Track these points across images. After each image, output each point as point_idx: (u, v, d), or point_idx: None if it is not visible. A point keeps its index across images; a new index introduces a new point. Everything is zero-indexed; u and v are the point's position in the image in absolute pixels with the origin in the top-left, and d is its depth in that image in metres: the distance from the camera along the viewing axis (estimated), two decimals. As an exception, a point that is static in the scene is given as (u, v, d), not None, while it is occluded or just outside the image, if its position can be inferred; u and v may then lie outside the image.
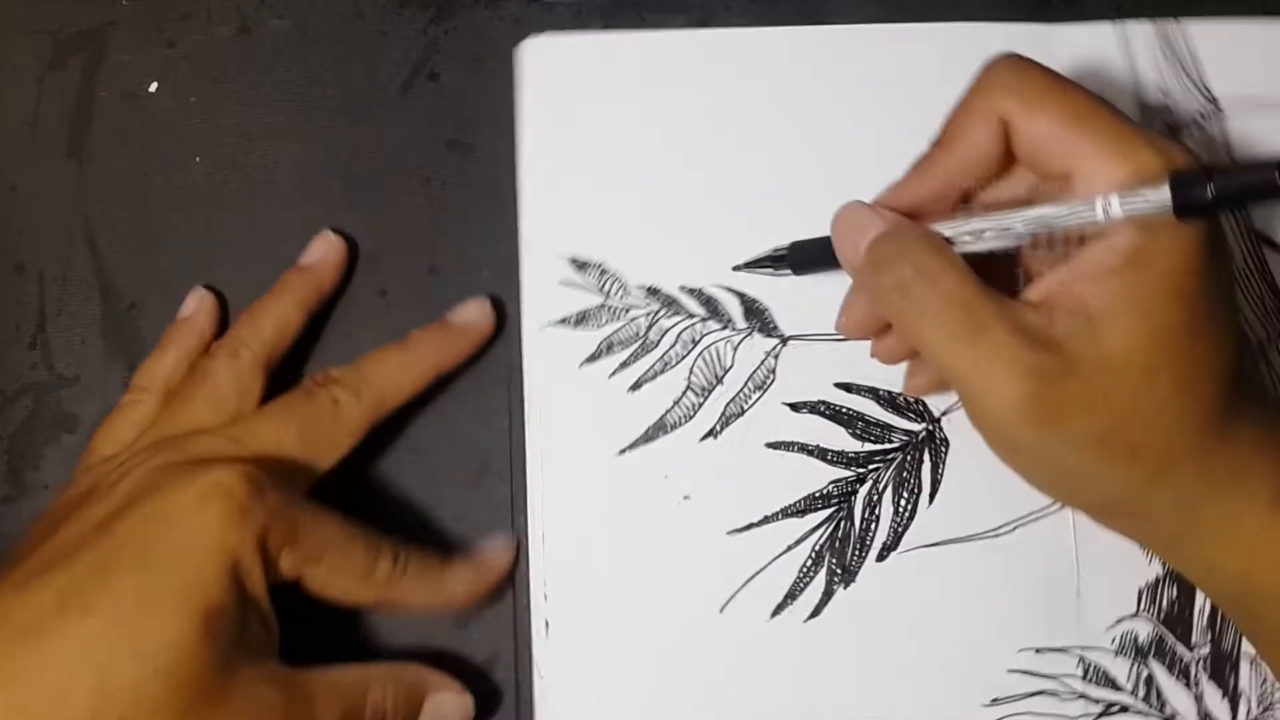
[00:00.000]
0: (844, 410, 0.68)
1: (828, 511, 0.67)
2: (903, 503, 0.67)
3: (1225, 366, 0.53)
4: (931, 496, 0.67)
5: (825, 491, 0.67)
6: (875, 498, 0.67)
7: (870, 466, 0.68)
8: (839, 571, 0.67)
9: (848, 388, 0.68)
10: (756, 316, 0.69)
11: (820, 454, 0.68)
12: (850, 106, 0.70)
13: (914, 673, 0.66)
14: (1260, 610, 0.57)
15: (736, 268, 0.68)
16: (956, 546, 0.67)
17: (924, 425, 0.68)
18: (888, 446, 0.68)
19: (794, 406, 0.68)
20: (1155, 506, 0.55)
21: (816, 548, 0.67)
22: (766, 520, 0.67)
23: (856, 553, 0.67)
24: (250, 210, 0.72)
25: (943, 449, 0.68)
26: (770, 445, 0.68)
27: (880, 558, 0.67)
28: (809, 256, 0.65)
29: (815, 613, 0.67)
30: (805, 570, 0.67)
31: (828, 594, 0.67)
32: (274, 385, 0.66)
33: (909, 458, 0.68)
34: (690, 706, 0.66)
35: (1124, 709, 0.66)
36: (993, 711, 0.66)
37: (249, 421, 0.64)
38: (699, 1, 0.72)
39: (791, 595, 0.67)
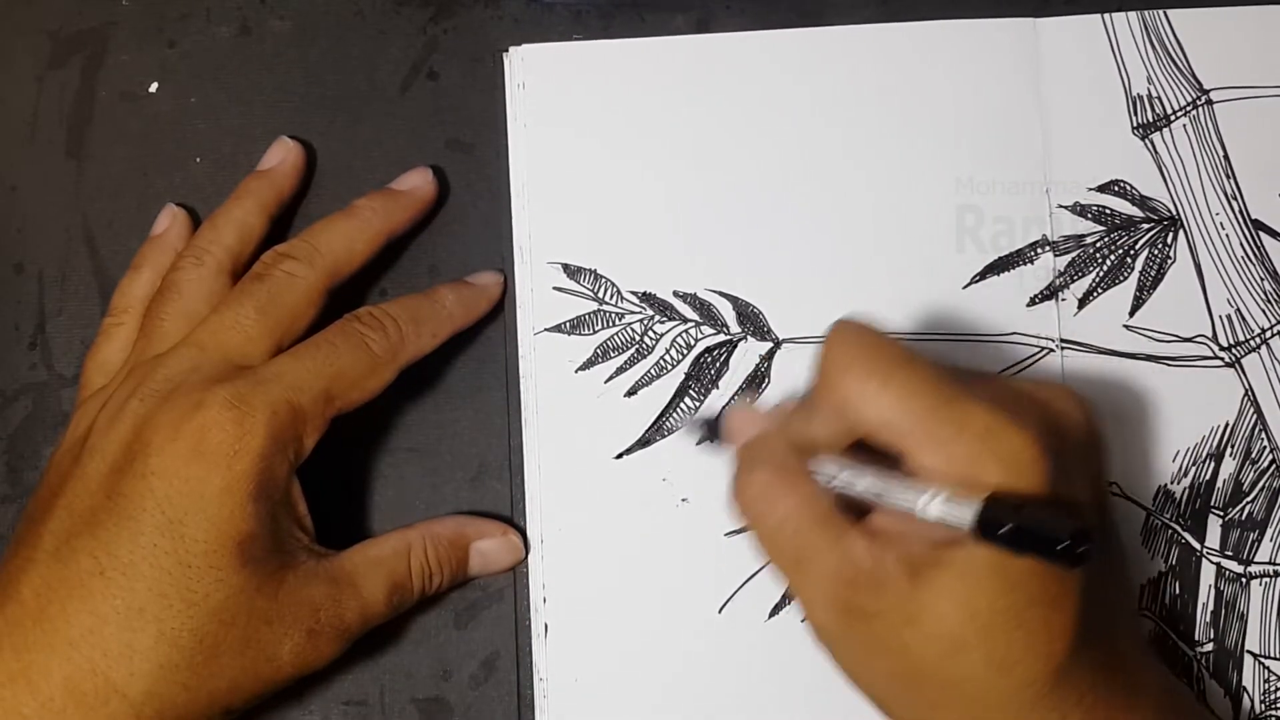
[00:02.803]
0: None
1: (825, 513, 0.67)
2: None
3: (1054, 652, 0.53)
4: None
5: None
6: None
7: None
8: (836, 572, 0.67)
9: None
10: (750, 320, 0.69)
11: (816, 454, 0.68)
12: (839, 107, 0.70)
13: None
14: None
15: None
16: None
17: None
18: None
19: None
20: None
21: (814, 548, 0.67)
22: (764, 521, 0.67)
23: (854, 554, 0.67)
24: (250, 210, 0.72)
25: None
26: (767, 447, 0.68)
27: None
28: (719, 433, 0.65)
29: (813, 613, 0.67)
30: (803, 570, 0.67)
31: (825, 594, 0.67)
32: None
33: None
34: (690, 706, 0.66)
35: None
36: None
37: (208, 320, 0.64)
38: (699, 1, 0.72)
39: (789, 595, 0.67)
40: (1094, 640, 0.54)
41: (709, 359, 0.68)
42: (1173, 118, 0.69)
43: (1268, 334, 0.69)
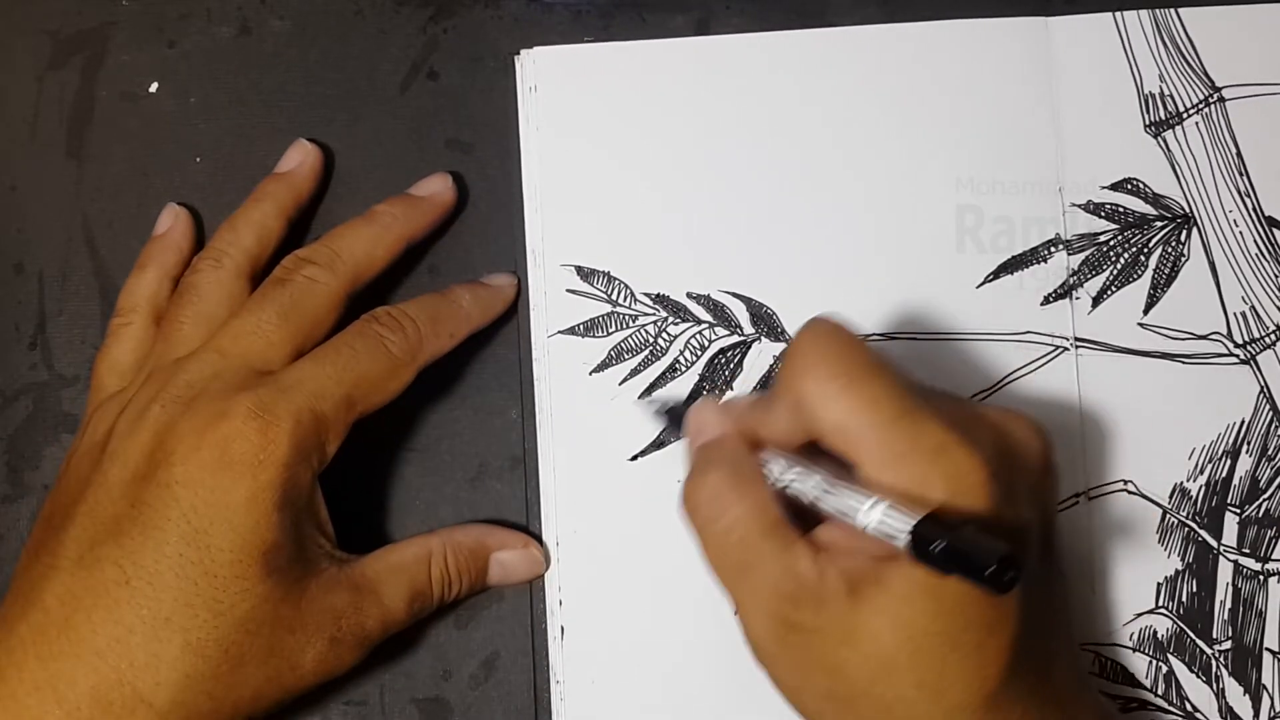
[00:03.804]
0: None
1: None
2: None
3: (987, 678, 0.53)
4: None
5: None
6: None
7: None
8: (849, 572, 0.67)
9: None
10: (764, 321, 0.69)
11: (829, 454, 0.68)
12: (851, 108, 0.70)
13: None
14: None
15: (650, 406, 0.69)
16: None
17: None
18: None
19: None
20: None
21: (825, 548, 0.67)
22: (778, 521, 0.67)
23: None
24: (251, 211, 0.71)
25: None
26: (781, 447, 0.68)
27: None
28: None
29: (827, 613, 0.67)
30: (815, 570, 0.67)
31: (837, 594, 0.67)
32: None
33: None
34: (706, 708, 0.66)
35: (1143, 705, 0.67)
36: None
37: (229, 325, 0.63)
38: (698, 1, 0.72)
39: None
40: (1030, 669, 0.54)
41: (723, 360, 0.68)
42: (1185, 115, 0.70)
43: (1280, 334, 0.69)
